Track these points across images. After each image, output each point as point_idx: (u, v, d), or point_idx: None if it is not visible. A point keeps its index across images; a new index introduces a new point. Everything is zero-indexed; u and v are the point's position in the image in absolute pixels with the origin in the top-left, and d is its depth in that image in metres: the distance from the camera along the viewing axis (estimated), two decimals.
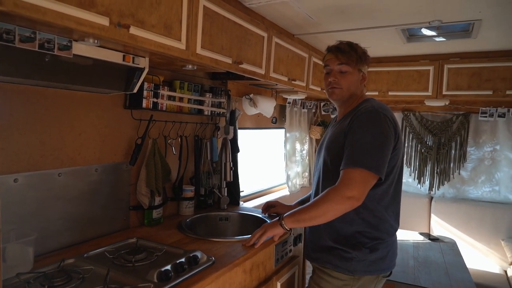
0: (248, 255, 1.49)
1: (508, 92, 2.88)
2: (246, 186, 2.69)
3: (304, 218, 1.44)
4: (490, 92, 2.94)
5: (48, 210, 1.37)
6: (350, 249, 1.43)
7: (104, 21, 1.10)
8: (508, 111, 3.13)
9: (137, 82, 1.49)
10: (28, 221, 1.30)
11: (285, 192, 3.45)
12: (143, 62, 1.45)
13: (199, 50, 1.56)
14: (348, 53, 1.50)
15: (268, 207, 2.02)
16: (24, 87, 1.28)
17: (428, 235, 2.94)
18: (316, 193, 1.57)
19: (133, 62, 1.39)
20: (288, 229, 1.50)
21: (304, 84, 2.77)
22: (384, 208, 1.44)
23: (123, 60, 1.36)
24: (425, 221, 3.49)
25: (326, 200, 1.36)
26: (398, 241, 1.56)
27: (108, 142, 1.63)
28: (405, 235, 2.92)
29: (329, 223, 1.44)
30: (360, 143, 1.37)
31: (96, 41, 1.17)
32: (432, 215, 3.44)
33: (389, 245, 1.48)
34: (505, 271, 3.02)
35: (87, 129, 1.53)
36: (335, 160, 1.45)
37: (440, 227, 3.38)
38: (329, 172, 1.49)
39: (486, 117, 3.22)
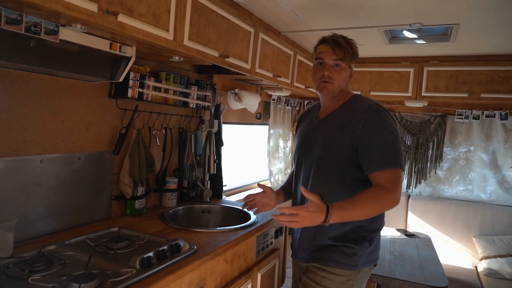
0: (229, 245, 1.52)
1: (482, 95, 3.00)
2: (229, 180, 2.71)
3: (354, 216, 1.30)
4: (466, 95, 3.06)
5: (29, 197, 1.36)
6: (353, 245, 1.41)
7: (92, 7, 1.10)
8: (482, 113, 3.26)
9: (123, 71, 1.49)
10: (8, 207, 1.28)
11: None
12: (130, 51, 1.45)
13: (186, 42, 1.57)
14: (346, 49, 1.49)
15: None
16: (7, 71, 1.26)
17: (404, 231, 3.03)
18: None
19: (120, 51, 1.39)
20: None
21: (288, 81, 2.81)
22: None
23: (110, 48, 1.35)
24: (402, 218, 3.60)
25: (382, 203, 1.30)
26: None
27: (92, 131, 1.62)
28: (383, 231, 2.92)
29: None
30: (389, 143, 1.35)
31: (83, 27, 1.16)
32: (409, 212, 3.55)
33: (379, 236, 1.54)
34: (476, 267, 3.16)
35: (70, 116, 1.52)
36: (336, 158, 1.42)
37: (416, 224, 3.50)
38: (325, 169, 1.45)
39: (462, 119, 3.34)
